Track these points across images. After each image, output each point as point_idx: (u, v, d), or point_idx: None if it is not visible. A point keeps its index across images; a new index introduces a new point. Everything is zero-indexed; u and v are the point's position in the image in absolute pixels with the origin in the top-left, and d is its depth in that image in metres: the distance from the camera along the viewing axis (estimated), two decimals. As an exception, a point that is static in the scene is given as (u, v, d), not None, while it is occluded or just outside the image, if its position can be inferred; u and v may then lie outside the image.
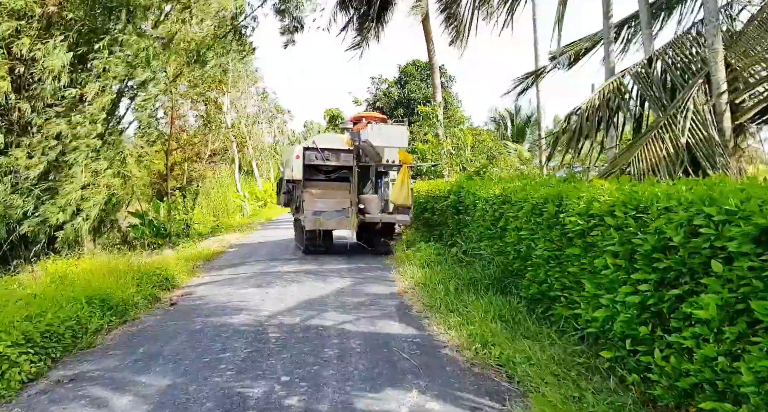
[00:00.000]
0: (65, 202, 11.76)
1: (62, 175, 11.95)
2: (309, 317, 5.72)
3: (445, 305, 5.83)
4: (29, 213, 11.57)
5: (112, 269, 7.35)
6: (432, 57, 17.96)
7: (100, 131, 12.08)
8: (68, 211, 11.99)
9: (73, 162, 11.91)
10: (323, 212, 10.62)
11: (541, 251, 5.30)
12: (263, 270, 9.11)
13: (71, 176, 11.90)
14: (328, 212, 10.66)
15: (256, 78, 35.61)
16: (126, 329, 5.57)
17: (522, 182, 6.97)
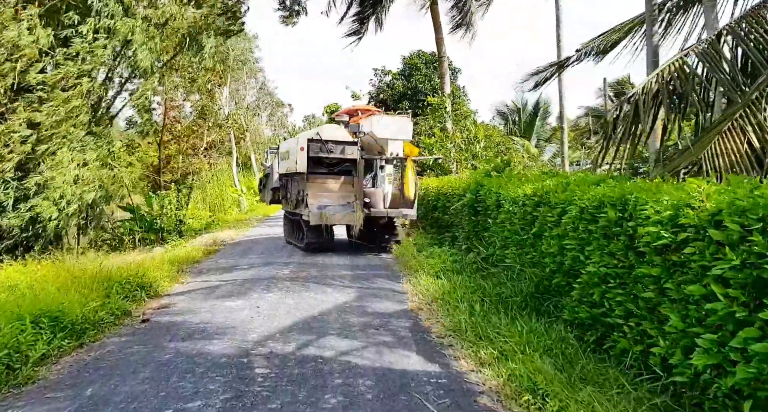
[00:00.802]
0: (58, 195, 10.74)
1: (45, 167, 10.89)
2: (306, 344, 4.67)
3: (471, 328, 4.77)
4: (8, 207, 10.54)
5: (77, 276, 6.30)
6: (441, 46, 16.85)
7: (82, 120, 11.00)
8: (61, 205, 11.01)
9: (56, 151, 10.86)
10: (328, 206, 10.22)
11: (594, 266, 4.24)
12: (256, 276, 8.05)
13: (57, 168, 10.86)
14: (333, 206, 10.26)
15: (256, 69, 34.49)
16: (80, 356, 4.51)
17: (561, 180, 5.91)
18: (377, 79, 33.19)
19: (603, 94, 29.15)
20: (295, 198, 11.34)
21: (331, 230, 10.69)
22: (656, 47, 7.23)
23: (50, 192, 10.76)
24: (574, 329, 4.63)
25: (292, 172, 11.11)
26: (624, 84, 32.98)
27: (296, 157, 10.52)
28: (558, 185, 5.55)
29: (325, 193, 10.49)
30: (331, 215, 10.10)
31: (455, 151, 15.36)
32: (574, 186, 5.18)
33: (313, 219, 9.95)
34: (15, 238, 10.97)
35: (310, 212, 10.00)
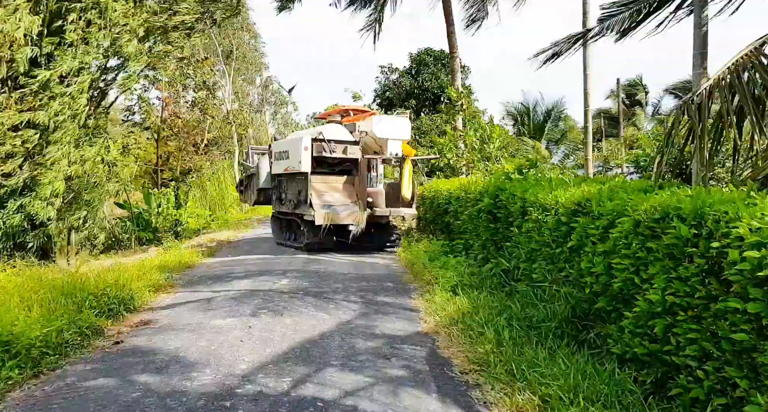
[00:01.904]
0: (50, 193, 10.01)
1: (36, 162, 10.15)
2: (303, 380, 3.89)
3: (501, 362, 3.98)
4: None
5: (46, 287, 5.54)
6: (453, 40, 16.06)
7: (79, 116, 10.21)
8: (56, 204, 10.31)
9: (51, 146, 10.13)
10: (332, 205, 10.27)
11: (657, 293, 3.45)
12: (251, 287, 7.28)
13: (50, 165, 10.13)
14: (337, 205, 10.33)
15: (261, 65, 33.79)
16: (29, 391, 3.74)
17: (604, 185, 5.12)
18: (384, 76, 32.44)
19: (616, 95, 28.33)
20: (294, 198, 10.95)
21: (333, 229, 10.39)
22: (704, 36, 6.41)
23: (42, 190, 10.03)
24: (626, 365, 3.85)
25: (292, 172, 10.75)
26: (636, 86, 32.16)
27: (298, 157, 10.32)
28: (602, 191, 4.76)
29: (328, 192, 10.51)
30: (335, 214, 10.05)
31: (468, 152, 14.57)
32: (624, 194, 4.40)
33: (318, 219, 9.83)
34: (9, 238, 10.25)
35: (315, 211, 9.89)
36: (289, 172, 10.96)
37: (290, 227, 11.85)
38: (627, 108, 29.67)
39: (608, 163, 23.46)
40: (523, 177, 7.74)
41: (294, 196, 10.98)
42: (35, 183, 9.99)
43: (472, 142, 14.18)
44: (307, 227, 10.54)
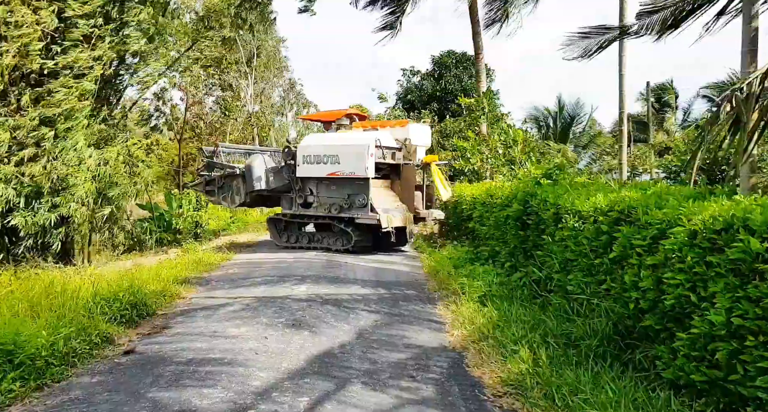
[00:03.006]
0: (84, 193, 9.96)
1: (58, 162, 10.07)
2: (322, 399, 3.58)
3: (539, 386, 3.62)
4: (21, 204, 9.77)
5: (56, 291, 5.35)
6: (478, 41, 15.69)
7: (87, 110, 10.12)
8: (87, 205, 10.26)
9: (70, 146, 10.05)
10: (389, 209, 10.95)
11: (720, 314, 3.06)
12: (268, 293, 7.01)
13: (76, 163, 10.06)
14: (391, 209, 11.02)
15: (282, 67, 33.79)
16: (30, 406, 3.50)
17: (646, 191, 4.72)
18: (405, 79, 32.14)
19: (645, 99, 27.55)
20: (341, 202, 11.24)
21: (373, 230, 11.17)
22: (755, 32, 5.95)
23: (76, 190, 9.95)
24: (678, 392, 3.46)
25: (342, 177, 11.10)
26: (666, 89, 31.26)
27: (362, 162, 10.73)
28: (648, 198, 4.36)
29: (381, 197, 11.18)
30: (393, 217, 10.78)
31: (491, 157, 14.17)
32: (675, 201, 4.00)
33: (384, 222, 10.49)
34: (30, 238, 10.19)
35: (380, 215, 10.52)
36: (334, 177, 11.17)
37: (296, 229, 12.22)
38: (656, 112, 28.83)
39: (636, 168, 22.78)
40: (554, 182, 7.33)
41: (340, 199, 11.22)
42: (64, 183, 9.93)
43: (495, 147, 13.78)
44: (356, 229, 11.06)
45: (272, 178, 12.20)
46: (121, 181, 11.46)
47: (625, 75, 11.35)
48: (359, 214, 10.92)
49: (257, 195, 12.36)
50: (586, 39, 8.07)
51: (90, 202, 10.25)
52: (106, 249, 13.29)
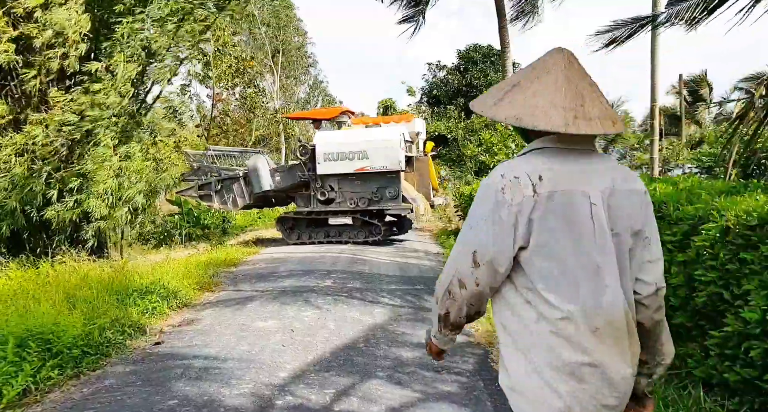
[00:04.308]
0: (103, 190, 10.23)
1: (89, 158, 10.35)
2: (346, 391, 3.62)
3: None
4: (54, 199, 10.10)
5: (91, 283, 5.52)
6: (504, 34, 15.47)
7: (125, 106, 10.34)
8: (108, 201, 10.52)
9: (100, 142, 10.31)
10: (415, 198, 11.60)
11: (756, 311, 2.98)
12: (294, 287, 7.10)
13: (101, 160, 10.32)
14: (417, 198, 11.69)
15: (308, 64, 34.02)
16: (68, 393, 3.64)
17: (677, 185, 4.62)
18: (431, 74, 31.97)
19: (677, 92, 26.84)
20: (368, 196, 11.67)
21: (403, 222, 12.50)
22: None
23: (95, 187, 10.22)
24: (712, 391, 3.39)
25: (369, 172, 11.47)
26: (700, 82, 30.38)
27: (395, 156, 11.18)
28: (679, 193, 4.27)
29: (406, 188, 11.64)
30: (418, 206, 11.58)
31: (518, 151, 14.00)
32: (707, 196, 3.91)
33: (420, 210, 11.47)
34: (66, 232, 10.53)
35: (414, 204, 11.39)
36: (362, 172, 11.50)
37: (312, 226, 12.51)
38: (689, 105, 28.04)
39: (668, 163, 22.24)
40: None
41: (368, 193, 11.62)
42: (88, 180, 10.20)
43: (520, 141, 13.62)
44: (382, 221, 11.82)
45: (279, 178, 12.29)
46: (147, 177, 11.67)
47: (658, 66, 11.03)
48: (390, 205, 11.51)
49: (263, 196, 12.47)
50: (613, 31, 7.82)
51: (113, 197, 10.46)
52: (137, 243, 13.62)
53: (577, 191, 1.36)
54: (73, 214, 9.98)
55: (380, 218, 11.87)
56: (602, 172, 1.41)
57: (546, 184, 1.35)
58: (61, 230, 10.49)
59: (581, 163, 1.41)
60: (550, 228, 1.34)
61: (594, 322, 1.33)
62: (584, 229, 1.35)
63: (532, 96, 1.41)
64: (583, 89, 1.43)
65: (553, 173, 1.37)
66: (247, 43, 26.42)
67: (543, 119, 1.37)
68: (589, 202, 1.36)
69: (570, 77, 1.43)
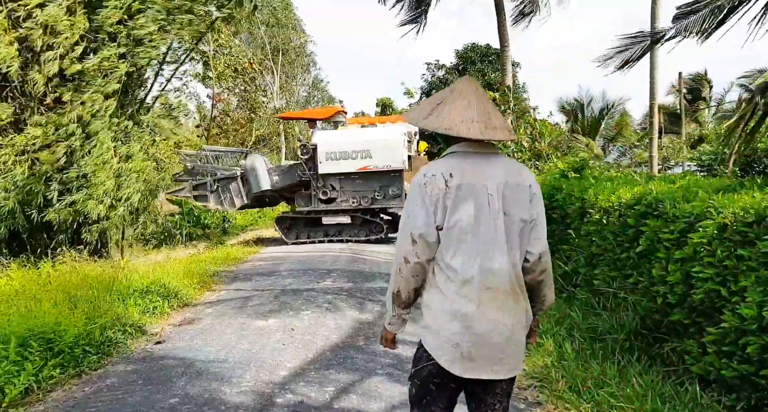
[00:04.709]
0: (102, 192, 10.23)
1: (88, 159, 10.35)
2: (346, 389, 3.65)
3: (564, 379, 3.61)
4: (54, 200, 10.11)
5: (91, 283, 5.54)
6: (504, 33, 15.50)
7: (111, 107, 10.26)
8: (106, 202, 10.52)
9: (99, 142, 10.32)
10: None
11: (751, 308, 3.00)
12: (294, 286, 7.13)
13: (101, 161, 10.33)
14: None
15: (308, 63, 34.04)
16: (71, 391, 3.67)
17: (675, 183, 4.65)
18: (429, 73, 31.97)
19: (677, 90, 26.84)
20: (371, 194, 11.81)
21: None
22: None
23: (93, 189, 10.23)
24: (709, 387, 3.41)
25: (372, 171, 11.59)
26: (700, 80, 30.39)
27: (400, 156, 11.40)
28: (676, 191, 4.29)
29: (406, 187, 11.83)
30: None
31: (517, 150, 14.03)
32: (704, 193, 3.93)
33: None
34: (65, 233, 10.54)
35: None
36: (364, 171, 11.61)
37: (309, 225, 12.56)
38: (689, 104, 28.05)
39: (668, 161, 22.23)
40: (580, 176, 7.24)
41: (370, 192, 11.77)
42: (88, 181, 10.21)
43: (521, 140, 13.65)
44: (383, 219, 12.02)
45: (277, 178, 12.30)
46: (147, 176, 11.65)
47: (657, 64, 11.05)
48: (392, 204, 11.73)
49: (260, 196, 12.47)
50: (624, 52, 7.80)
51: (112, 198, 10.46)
52: (138, 243, 13.64)
53: (479, 184, 1.83)
54: (72, 215, 10.01)
55: (381, 216, 12.06)
56: (498, 170, 1.88)
57: (455, 179, 1.82)
58: (62, 231, 10.52)
59: (483, 163, 1.88)
60: (459, 212, 1.80)
61: (486, 283, 1.79)
62: (482, 213, 1.81)
63: (455, 113, 1.89)
64: (488, 108, 1.92)
65: (461, 171, 1.84)
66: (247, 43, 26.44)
67: (465, 130, 1.86)
68: (487, 193, 1.82)
69: (479, 99, 1.92)
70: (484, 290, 1.80)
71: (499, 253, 1.80)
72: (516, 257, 1.85)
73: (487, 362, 1.83)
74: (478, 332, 1.81)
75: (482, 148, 1.91)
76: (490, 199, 1.82)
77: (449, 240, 1.81)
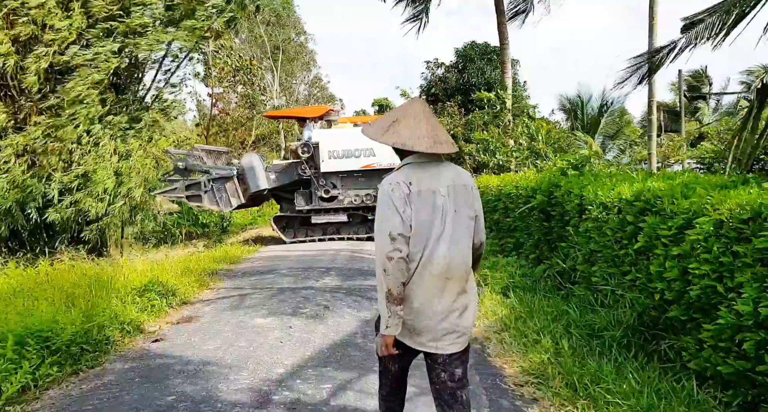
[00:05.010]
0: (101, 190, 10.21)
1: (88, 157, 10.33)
2: (344, 386, 3.65)
3: (560, 375, 3.61)
4: (55, 199, 10.10)
5: (89, 282, 5.54)
6: (503, 31, 15.50)
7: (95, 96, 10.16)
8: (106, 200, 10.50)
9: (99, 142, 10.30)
10: None
11: (747, 303, 3.00)
12: (293, 284, 7.13)
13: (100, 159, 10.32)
14: None
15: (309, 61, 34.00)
16: (66, 390, 3.67)
17: (674, 180, 4.64)
18: (429, 72, 31.90)
19: (677, 88, 26.80)
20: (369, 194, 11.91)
21: None
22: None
23: (92, 186, 10.22)
24: (706, 383, 3.41)
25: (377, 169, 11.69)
26: (699, 78, 30.35)
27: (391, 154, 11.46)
28: (674, 188, 4.28)
29: None
30: None
31: (515, 149, 14.03)
32: (702, 190, 3.92)
33: None
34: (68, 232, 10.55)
35: None
36: (367, 169, 11.77)
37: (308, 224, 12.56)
38: (689, 101, 28.01)
39: (668, 159, 22.18)
40: (580, 173, 7.23)
41: (372, 190, 11.83)
42: (87, 179, 10.20)
43: (518, 139, 13.65)
44: None
45: (274, 177, 12.27)
46: (146, 174, 11.61)
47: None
48: None
49: (257, 195, 12.42)
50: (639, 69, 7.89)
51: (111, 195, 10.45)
52: (137, 242, 13.64)
53: (433, 188, 2.17)
54: (72, 214, 10.01)
55: None
56: (446, 175, 2.23)
57: (415, 186, 2.16)
58: (63, 230, 10.53)
59: (433, 171, 2.22)
60: (420, 212, 2.13)
61: (436, 268, 2.12)
62: (436, 212, 2.15)
63: (408, 131, 2.22)
64: (435, 125, 2.26)
65: (417, 179, 2.18)
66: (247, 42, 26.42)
67: (418, 144, 2.19)
68: (440, 195, 2.17)
69: (427, 118, 2.25)
70: (434, 276, 2.13)
71: (447, 244, 2.14)
72: (465, 248, 2.21)
73: (430, 336, 2.17)
74: (421, 311, 2.14)
75: (431, 158, 2.25)
76: (443, 201, 2.17)
77: (412, 235, 2.13)
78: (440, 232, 2.14)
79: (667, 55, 7.69)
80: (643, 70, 7.69)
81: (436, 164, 2.25)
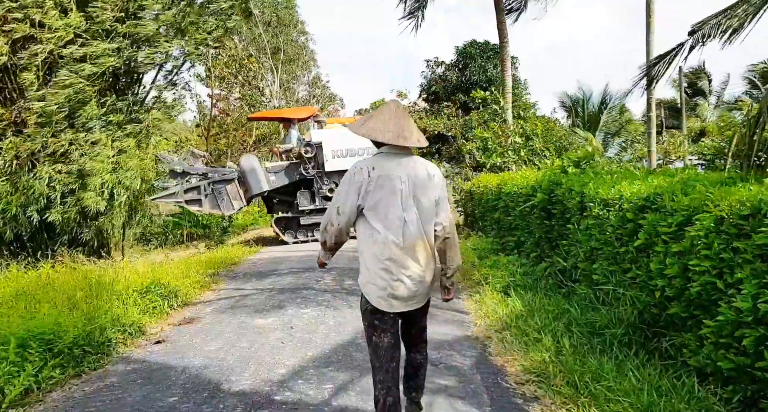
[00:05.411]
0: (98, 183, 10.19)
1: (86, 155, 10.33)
2: (344, 386, 3.65)
3: (561, 374, 3.61)
4: (56, 200, 10.11)
5: (91, 284, 5.55)
6: (503, 30, 15.46)
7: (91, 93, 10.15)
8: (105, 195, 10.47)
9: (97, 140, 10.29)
10: None
11: (747, 300, 3.00)
12: (294, 284, 7.14)
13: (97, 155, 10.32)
14: None
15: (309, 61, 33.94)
16: (69, 392, 3.68)
17: (674, 177, 4.63)
18: (429, 71, 31.87)
19: (677, 84, 26.76)
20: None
21: None
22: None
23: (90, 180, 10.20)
24: (706, 380, 3.41)
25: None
26: (698, 74, 30.28)
27: None
28: (674, 185, 4.28)
29: None
30: None
31: (512, 148, 14.01)
32: (702, 187, 3.92)
33: None
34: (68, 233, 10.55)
35: None
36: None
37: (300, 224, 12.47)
38: (689, 98, 27.96)
39: (669, 156, 22.13)
40: (581, 170, 7.22)
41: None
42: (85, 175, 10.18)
43: (514, 138, 13.63)
44: None
45: (274, 178, 12.25)
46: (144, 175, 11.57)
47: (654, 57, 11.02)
48: None
49: (258, 196, 12.48)
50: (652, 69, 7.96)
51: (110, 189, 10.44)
52: (138, 244, 13.66)
53: (394, 175, 2.56)
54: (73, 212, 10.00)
55: None
56: (410, 165, 2.62)
57: (376, 171, 2.56)
58: (64, 232, 10.53)
59: (398, 161, 2.60)
60: (378, 194, 2.54)
61: (400, 244, 2.54)
62: (396, 196, 2.55)
63: (378, 125, 2.63)
64: (404, 122, 2.64)
65: (380, 165, 2.58)
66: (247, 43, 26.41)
67: (381, 136, 2.60)
68: (400, 181, 2.56)
69: (397, 116, 2.65)
70: (399, 249, 2.55)
71: (408, 224, 2.55)
72: (422, 226, 2.59)
73: (403, 300, 2.62)
74: (395, 278, 2.57)
75: (399, 150, 2.63)
76: (402, 185, 2.56)
77: (375, 213, 2.55)
78: (398, 212, 2.54)
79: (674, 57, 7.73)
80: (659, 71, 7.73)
81: (402, 156, 2.63)
